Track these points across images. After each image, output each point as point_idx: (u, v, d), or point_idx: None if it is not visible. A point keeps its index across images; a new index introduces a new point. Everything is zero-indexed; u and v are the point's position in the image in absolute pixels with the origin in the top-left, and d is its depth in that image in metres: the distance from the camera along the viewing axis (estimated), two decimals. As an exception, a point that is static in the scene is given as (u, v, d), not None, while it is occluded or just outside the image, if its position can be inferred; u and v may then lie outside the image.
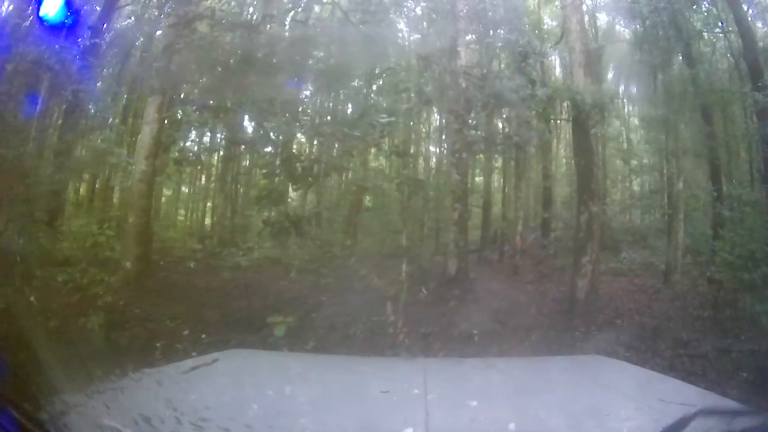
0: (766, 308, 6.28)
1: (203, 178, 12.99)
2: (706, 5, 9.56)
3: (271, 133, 6.84)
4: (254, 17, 9.33)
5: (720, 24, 9.56)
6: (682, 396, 2.29)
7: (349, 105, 9.02)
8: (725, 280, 7.32)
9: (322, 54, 8.45)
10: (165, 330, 7.03)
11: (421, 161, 12.59)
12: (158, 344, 6.59)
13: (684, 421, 1.80)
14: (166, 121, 9.04)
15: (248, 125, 8.67)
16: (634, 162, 11.47)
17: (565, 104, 9.64)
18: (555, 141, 12.53)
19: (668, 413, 1.94)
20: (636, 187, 12.31)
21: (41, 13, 7.11)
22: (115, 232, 8.88)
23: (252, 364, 3.03)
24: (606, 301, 8.13)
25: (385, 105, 7.99)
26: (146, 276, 8.62)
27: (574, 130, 8.14)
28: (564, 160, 13.15)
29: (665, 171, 10.49)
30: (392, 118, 6.62)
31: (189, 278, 9.12)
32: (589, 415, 2.17)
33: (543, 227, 11.49)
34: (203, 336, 6.84)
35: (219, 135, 10.47)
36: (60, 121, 9.30)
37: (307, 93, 9.38)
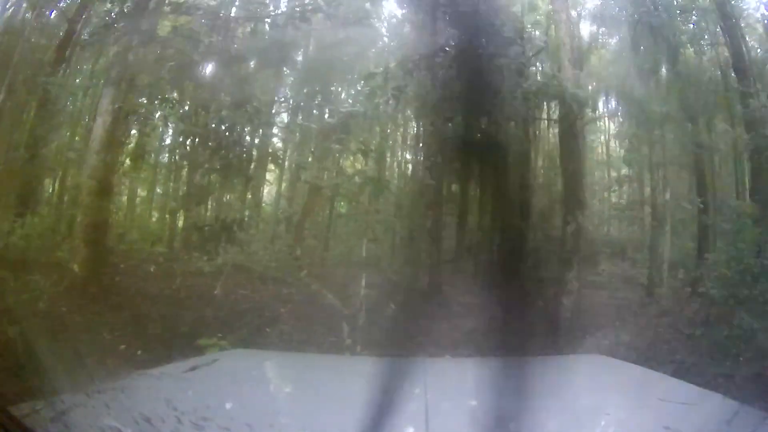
0: (765, 325, 5.51)
1: (175, 178, 11.68)
2: (695, 16, 8.71)
3: (213, 124, 5.63)
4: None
5: (705, 37, 8.77)
6: (682, 395, 2.16)
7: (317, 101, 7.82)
8: (719, 295, 6.33)
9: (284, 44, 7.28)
10: (100, 343, 5.81)
11: (395, 167, 11.44)
12: (87, 360, 5.39)
13: (684, 421, 1.68)
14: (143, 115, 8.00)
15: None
16: (614, 174, 10.54)
17: (547, 110, 8.70)
18: (533, 152, 11.48)
19: (668, 413, 1.85)
20: (614, 198, 11.28)
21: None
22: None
23: (252, 364, 2.91)
24: (590, 318, 7.01)
25: (356, 103, 6.82)
26: (95, 281, 7.36)
27: (562, 133, 7.11)
28: (542, 171, 12.11)
29: (648, 182, 9.46)
30: (355, 108, 5.40)
31: (144, 284, 7.92)
32: (589, 415, 2.03)
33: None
34: (139, 352, 5.71)
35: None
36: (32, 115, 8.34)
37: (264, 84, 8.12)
